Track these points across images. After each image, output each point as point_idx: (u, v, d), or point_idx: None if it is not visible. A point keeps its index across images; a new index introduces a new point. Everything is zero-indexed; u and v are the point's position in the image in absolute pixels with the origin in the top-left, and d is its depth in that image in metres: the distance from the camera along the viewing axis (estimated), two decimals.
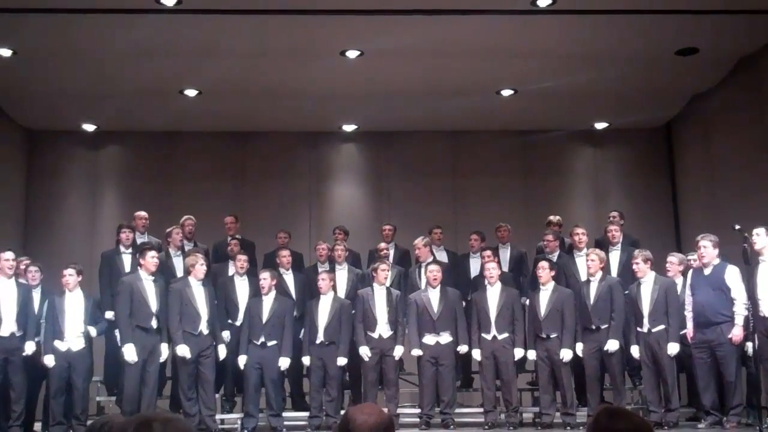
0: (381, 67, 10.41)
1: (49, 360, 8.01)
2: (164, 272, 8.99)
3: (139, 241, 9.60)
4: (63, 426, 8.02)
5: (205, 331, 8.28)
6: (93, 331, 8.31)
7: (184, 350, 8.15)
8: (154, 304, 8.17)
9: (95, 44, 9.64)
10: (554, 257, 9.33)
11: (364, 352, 8.51)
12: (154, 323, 8.15)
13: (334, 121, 12.72)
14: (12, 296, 8.02)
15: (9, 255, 8.14)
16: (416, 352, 8.55)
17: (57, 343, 8.07)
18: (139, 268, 8.34)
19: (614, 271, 9.07)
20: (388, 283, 8.93)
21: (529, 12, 8.97)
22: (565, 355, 8.27)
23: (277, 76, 10.69)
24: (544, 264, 8.61)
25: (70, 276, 8.23)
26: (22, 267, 8.63)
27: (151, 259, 8.26)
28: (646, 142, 13.07)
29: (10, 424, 7.77)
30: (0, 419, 7.84)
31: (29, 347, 8.03)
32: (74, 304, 8.21)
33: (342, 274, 9.41)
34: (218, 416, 8.67)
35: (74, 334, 8.13)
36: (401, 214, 12.19)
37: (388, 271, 8.78)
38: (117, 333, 8.37)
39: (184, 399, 8.20)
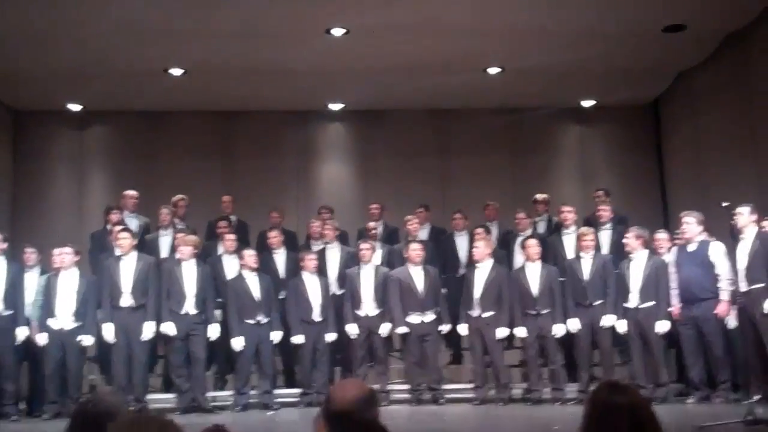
0: (367, 44, 10.37)
1: (41, 338, 8.02)
2: (152, 251, 9.00)
3: (127, 220, 9.58)
4: (56, 405, 8.03)
5: (193, 311, 8.29)
6: (88, 340, 8.28)
7: (169, 328, 8.19)
8: (127, 283, 8.18)
9: (81, 23, 9.55)
10: (524, 235, 9.33)
11: (352, 329, 8.58)
12: (128, 302, 8.16)
13: (321, 99, 12.69)
14: (1, 275, 8.03)
15: None
16: (402, 329, 8.60)
17: (50, 322, 8.07)
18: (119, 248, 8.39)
19: (605, 250, 9.11)
20: (378, 261, 8.97)
21: None
22: (558, 330, 8.33)
23: (264, 55, 10.64)
24: (533, 242, 8.65)
25: (67, 255, 8.21)
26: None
27: (121, 240, 8.32)
28: (633, 120, 13.11)
29: (4, 403, 7.78)
30: None
31: (21, 332, 8.04)
32: (68, 284, 8.21)
33: (333, 252, 9.43)
34: (210, 394, 8.71)
35: (67, 314, 8.12)
36: (389, 192, 12.19)
37: (369, 250, 8.80)
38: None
39: (175, 377, 8.25)
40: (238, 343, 8.36)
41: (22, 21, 9.45)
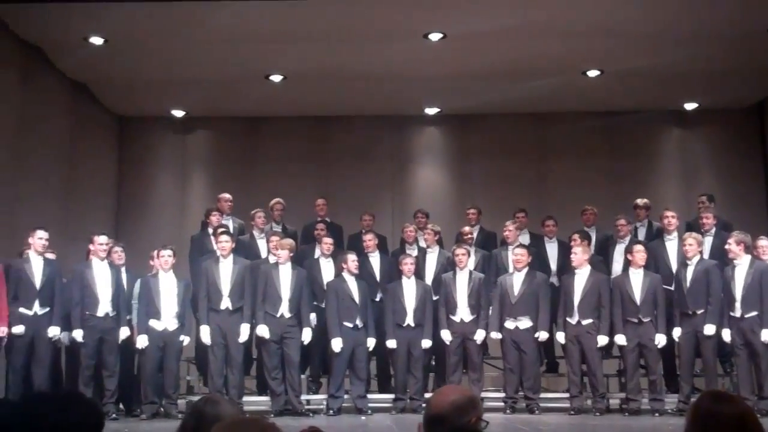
0: (464, 49, 10.34)
1: (142, 341, 8.20)
2: (248, 254, 9.15)
3: (223, 222, 9.76)
4: (156, 405, 8.25)
5: (288, 314, 8.39)
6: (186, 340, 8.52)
7: (263, 330, 8.30)
8: (226, 286, 8.34)
9: (183, 31, 9.83)
10: (625, 242, 9.12)
11: (446, 336, 8.54)
12: (227, 304, 8.32)
13: (417, 104, 12.70)
14: (107, 278, 8.27)
15: (103, 239, 8.42)
16: (495, 335, 8.52)
17: (153, 323, 8.26)
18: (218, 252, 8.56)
19: (707, 256, 8.82)
20: (472, 267, 8.91)
21: None
22: (660, 340, 8.12)
23: (360, 60, 10.73)
24: (639, 247, 8.44)
25: (169, 257, 8.42)
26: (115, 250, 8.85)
27: (222, 243, 8.47)
28: (737, 123, 12.70)
29: (105, 401, 8.02)
30: (95, 397, 8.07)
31: (123, 332, 8.27)
32: (169, 285, 8.41)
33: (432, 257, 9.41)
34: (304, 397, 8.80)
35: (170, 315, 8.32)
36: (485, 197, 12.10)
37: (464, 255, 8.72)
38: None
39: (269, 379, 8.36)
40: (337, 344, 8.38)
41: (126, 30, 9.78)
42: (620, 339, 8.28)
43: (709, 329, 7.98)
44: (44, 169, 10.62)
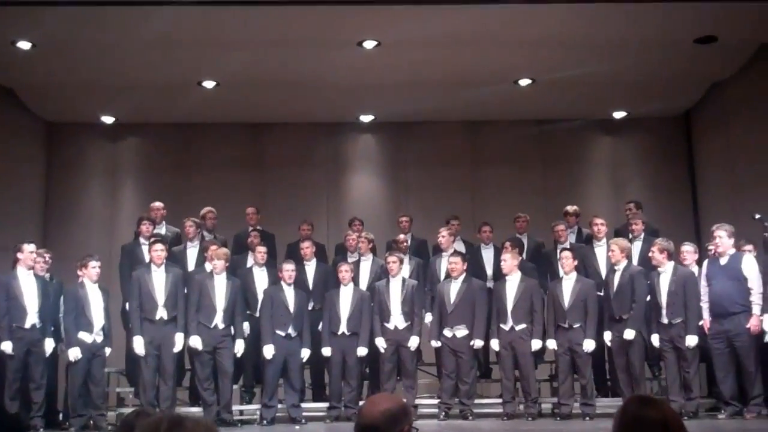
0: (398, 57, 10.39)
1: (74, 353, 8.01)
2: (177, 263, 9.03)
3: (156, 231, 9.63)
4: (84, 417, 8.07)
5: (222, 324, 8.31)
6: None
7: (196, 341, 8.22)
8: (161, 296, 8.23)
9: (114, 36, 9.66)
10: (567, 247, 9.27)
11: (380, 343, 8.56)
12: (161, 314, 8.22)
13: (352, 111, 12.71)
14: (33, 289, 8.07)
15: (31, 248, 8.20)
16: (434, 343, 8.58)
17: (83, 335, 8.08)
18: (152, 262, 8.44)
19: (635, 262, 9.01)
20: (406, 274, 8.94)
21: (546, 0, 8.93)
22: (588, 345, 8.25)
23: (295, 67, 10.69)
24: (567, 254, 8.58)
25: (98, 268, 8.27)
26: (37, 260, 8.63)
27: (156, 252, 8.37)
28: (664, 131, 12.99)
29: (32, 415, 7.83)
30: (21, 411, 7.87)
31: (49, 344, 8.08)
32: (96, 296, 8.25)
33: (366, 265, 9.41)
34: (237, 407, 8.73)
35: (98, 326, 8.17)
36: (419, 204, 12.19)
37: (396, 263, 8.74)
38: None
39: (201, 389, 8.26)
40: (268, 351, 8.34)
41: (55, 35, 9.58)
42: (552, 344, 8.41)
43: (629, 334, 8.11)
44: None
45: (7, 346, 7.84)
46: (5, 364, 7.93)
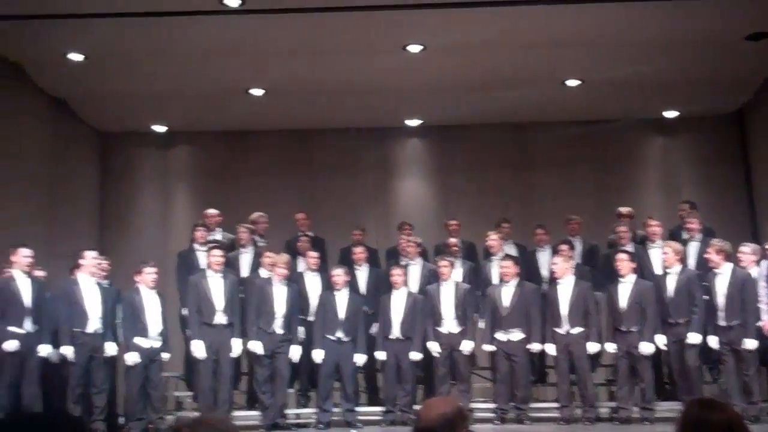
0: (444, 60, 10.35)
1: (131, 357, 8.13)
2: (232, 269, 9.12)
3: (210, 238, 9.73)
4: (144, 421, 8.17)
5: (280, 330, 8.37)
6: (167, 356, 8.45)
7: (257, 346, 8.27)
8: (219, 301, 8.30)
9: (163, 47, 9.81)
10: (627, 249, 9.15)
11: (434, 347, 8.52)
12: (220, 319, 8.29)
13: (399, 116, 12.72)
14: (95, 295, 8.20)
15: (94, 254, 8.39)
16: (487, 347, 8.52)
17: (139, 340, 8.19)
18: (207, 266, 8.50)
19: (692, 263, 8.87)
20: (459, 278, 8.91)
21: (595, 0, 8.84)
22: (647, 348, 8.13)
23: (341, 73, 10.72)
24: (623, 256, 8.46)
25: (154, 273, 8.38)
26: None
27: (214, 257, 8.44)
28: (717, 129, 12.77)
29: (93, 419, 7.95)
30: (83, 415, 7.99)
31: (111, 348, 8.21)
32: (153, 302, 8.36)
33: (415, 269, 9.39)
34: (293, 411, 8.77)
35: (155, 332, 8.27)
36: (467, 208, 12.12)
37: (447, 267, 8.71)
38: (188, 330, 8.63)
39: (260, 393, 8.33)
40: (318, 355, 8.39)
41: (106, 45, 9.74)
42: (610, 347, 8.30)
43: (694, 338, 8.01)
44: (25, 187, 10.55)
45: (69, 351, 7.98)
46: (67, 368, 8.07)
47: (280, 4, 8.79)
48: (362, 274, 9.37)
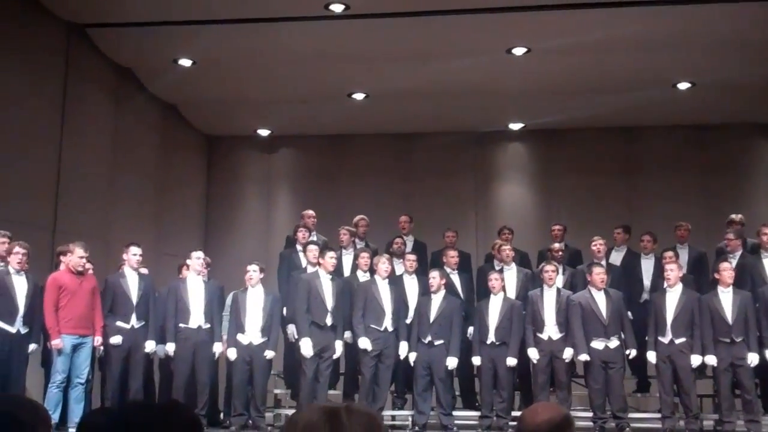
0: (548, 63, 10.23)
1: (231, 353, 8.33)
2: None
3: (311, 239, 9.81)
4: (244, 417, 8.33)
5: (390, 327, 8.42)
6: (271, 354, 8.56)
7: (365, 343, 8.31)
8: (330, 302, 8.39)
9: (268, 52, 10.01)
10: (735, 257, 8.83)
11: (533, 354, 8.40)
12: (329, 320, 8.37)
13: (501, 119, 12.62)
14: (200, 292, 8.42)
15: (200, 254, 8.65)
16: (584, 357, 8.31)
17: (239, 337, 8.38)
18: (317, 266, 8.58)
19: None
20: (560, 284, 8.76)
21: (705, 1, 8.57)
22: (753, 359, 7.84)
23: (443, 77, 10.69)
24: (726, 265, 8.19)
25: (254, 272, 8.54)
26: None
27: (330, 259, 8.51)
28: None
29: (196, 412, 8.11)
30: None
31: (216, 346, 8.39)
32: (255, 300, 8.51)
33: (511, 274, 9.28)
34: (389, 413, 8.78)
35: (255, 329, 8.41)
36: (571, 213, 11.93)
37: (554, 272, 8.59)
38: (290, 328, 8.72)
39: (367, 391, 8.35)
40: (411, 357, 8.41)
41: (213, 52, 10.01)
42: (711, 359, 8.01)
43: None
44: (136, 188, 10.96)
45: (171, 347, 8.23)
46: (173, 363, 8.31)
47: (382, 9, 8.86)
48: (455, 278, 9.30)
